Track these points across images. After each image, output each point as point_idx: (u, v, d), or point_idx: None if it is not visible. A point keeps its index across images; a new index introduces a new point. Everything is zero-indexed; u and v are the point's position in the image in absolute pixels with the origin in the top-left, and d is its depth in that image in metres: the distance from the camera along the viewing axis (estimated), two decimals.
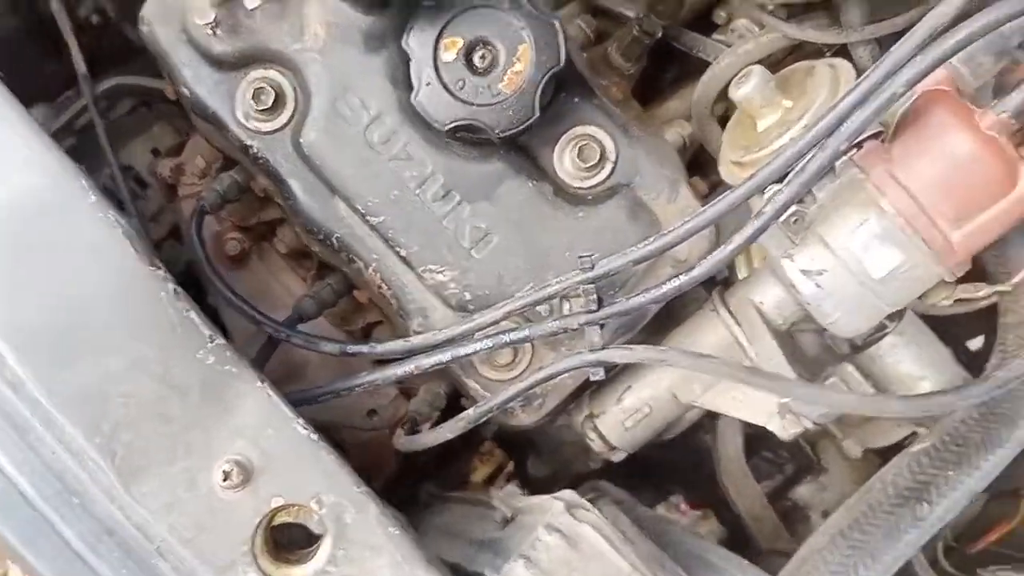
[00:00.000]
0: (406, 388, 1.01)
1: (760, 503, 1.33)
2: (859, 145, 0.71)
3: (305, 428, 0.67)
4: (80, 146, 1.16)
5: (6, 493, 0.65)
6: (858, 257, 0.72)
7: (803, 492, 1.40)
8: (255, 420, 0.66)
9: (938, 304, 0.79)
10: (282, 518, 0.66)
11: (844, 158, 0.70)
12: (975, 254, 0.73)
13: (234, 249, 0.99)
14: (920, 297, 0.77)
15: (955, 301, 0.78)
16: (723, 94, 0.87)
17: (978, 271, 0.87)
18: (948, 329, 1.14)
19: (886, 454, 1.27)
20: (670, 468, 1.44)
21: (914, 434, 1.24)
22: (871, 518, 0.80)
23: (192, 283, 0.96)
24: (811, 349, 1.16)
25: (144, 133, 1.19)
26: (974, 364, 1.10)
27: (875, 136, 0.71)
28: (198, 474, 0.65)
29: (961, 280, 0.78)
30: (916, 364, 1.13)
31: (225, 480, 0.65)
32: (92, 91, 0.97)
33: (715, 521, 1.44)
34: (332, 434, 1.04)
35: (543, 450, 1.30)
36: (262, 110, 0.82)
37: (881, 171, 0.70)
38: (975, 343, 1.26)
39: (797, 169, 0.67)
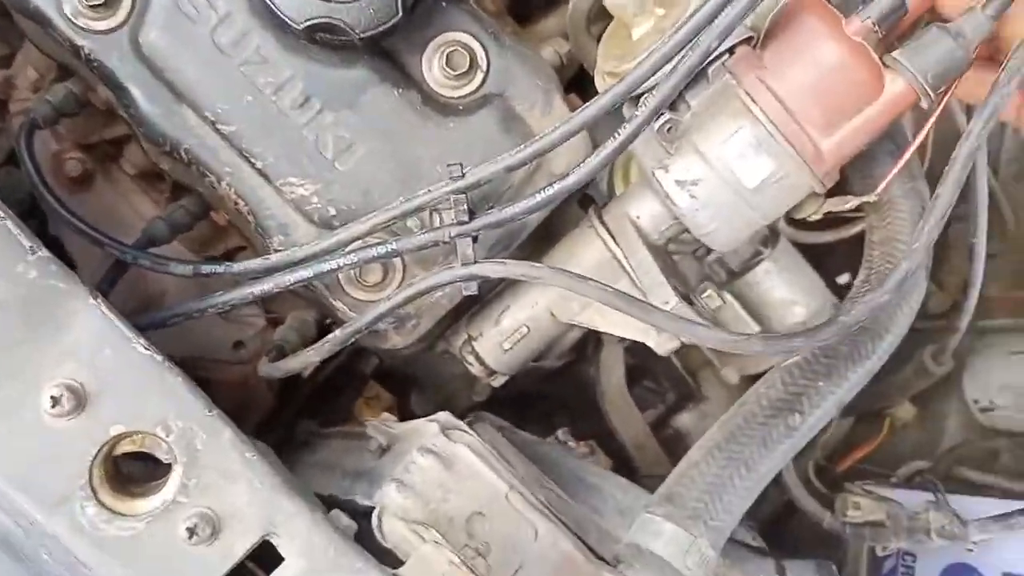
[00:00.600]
0: (274, 318, 0.97)
1: (643, 432, 1.36)
2: (732, 52, 0.70)
3: (148, 348, 0.62)
4: None
5: None
6: (732, 167, 0.72)
7: (685, 420, 1.44)
8: (88, 340, 0.61)
9: (809, 217, 0.81)
10: (125, 447, 0.61)
11: (716, 64, 0.69)
12: (843, 163, 0.74)
13: (75, 170, 0.91)
14: (792, 210, 0.78)
15: (825, 214, 0.80)
16: (600, 13, 0.85)
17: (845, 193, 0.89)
18: (819, 263, 1.19)
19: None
20: (555, 401, 1.45)
21: None
22: (745, 430, 0.82)
23: (36, 213, 0.89)
24: (690, 275, 1.18)
25: None
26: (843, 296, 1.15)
27: (747, 42, 0.70)
28: (23, 401, 0.59)
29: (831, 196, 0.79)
30: (789, 290, 1.17)
31: (54, 407, 0.59)
32: None
33: (602, 455, 1.46)
34: (197, 371, 0.99)
35: (425, 385, 1.28)
36: (94, 5, 0.74)
37: (753, 78, 0.70)
38: (843, 279, 1.31)
39: (668, 69, 0.66)
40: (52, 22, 0.75)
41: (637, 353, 1.37)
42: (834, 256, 1.23)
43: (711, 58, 0.67)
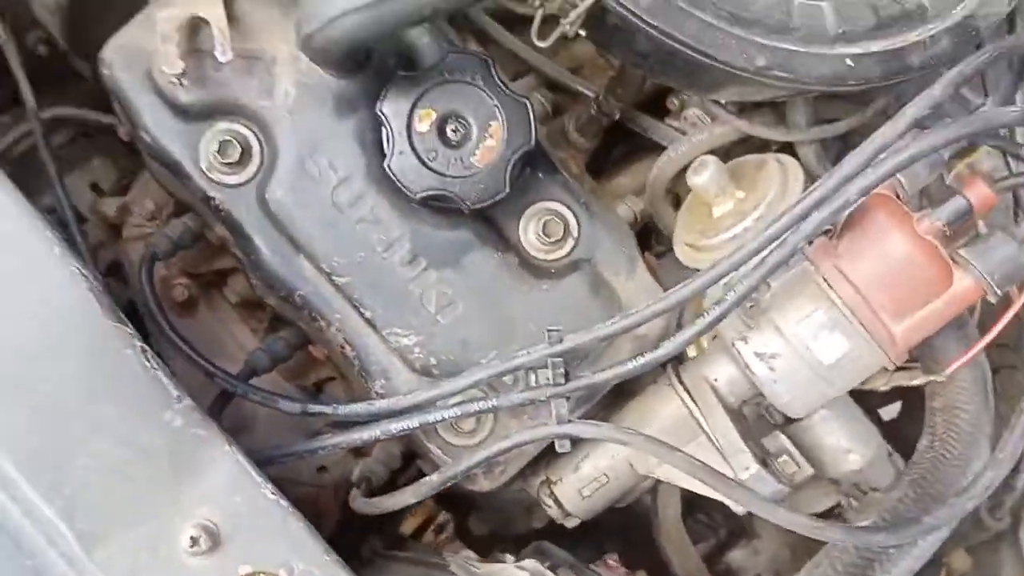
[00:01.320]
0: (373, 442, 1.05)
1: (697, 566, 1.41)
2: (810, 241, 0.80)
3: (274, 494, 0.71)
4: (15, 173, 1.17)
5: None
6: (808, 344, 0.81)
7: (737, 556, 1.49)
8: (223, 485, 0.70)
9: (877, 388, 0.89)
10: None
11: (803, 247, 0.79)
12: (915, 345, 0.83)
13: (181, 295, 1.02)
14: (862, 383, 0.87)
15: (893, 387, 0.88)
16: (675, 175, 0.96)
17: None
18: (864, 397, 1.26)
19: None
20: (607, 528, 1.51)
21: (839, 505, 1.35)
22: None
23: (134, 324, 0.99)
24: (749, 417, 1.26)
25: (83, 166, 1.21)
26: (889, 433, 1.23)
27: (824, 233, 0.80)
28: (163, 539, 0.68)
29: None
30: (844, 437, 1.23)
31: (192, 546, 0.68)
32: (40, 125, 0.99)
33: None
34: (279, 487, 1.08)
35: (485, 508, 1.35)
36: (227, 163, 0.86)
37: (829, 265, 0.80)
38: (889, 412, 1.39)
39: (757, 262, 0.75)
40: (188, 174, 0.87)
41: None
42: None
43: (804, 245, 0.77)
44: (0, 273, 0.68)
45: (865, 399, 1.25)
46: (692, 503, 1.46)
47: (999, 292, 0.78)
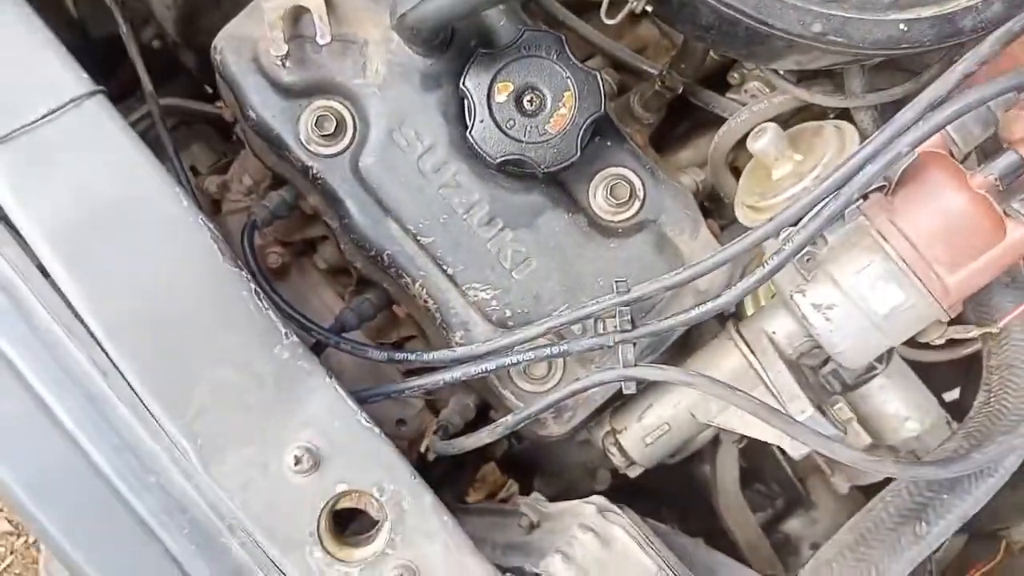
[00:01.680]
0: (432, 401, 1.12)
1: (756, 533, 1.45)
2: (865, 197, 0.84)
3: (368, 422, 0.78)
4: None
5: (80, 466, 0.75)
6: (864, 295, 0.85)
7: (794, 525, 1.52)
8: (323, 412, 0.77)
9: (932, 341, 0.92)
10: (345, 503, 0.77)
11: (852, 207, 0.83)
12: (968, 296, 0.86)
13: (276, 262, 1.10)
14: (917, 335, 0.90)
15: (947, 340, 0.91)
16: (736, 143, 1.01)
17: (961, 321, 1.01)
18: (927, 380, 1.28)
19: (871, 490, 1.40)
20: (665, 496, 1.56)
21: None
22: (876, 534, 0.92)
23: None
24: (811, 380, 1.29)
25: (184, 151, 1.31)
26: (952, 413, 1.25)
27: (879, 189, 0.84)
28: (271, 458, 0.76)
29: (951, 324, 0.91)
30: (902, 405, 1.27)
31: (296, 465, 0.75)
32: (159, 110, 1.08)
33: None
34: None
35: (548, 471, 1.41)
36: (324, 135, 0.93)
37: (884, 220, 0.84)
38: (951, 395, 1.41)
39: (812, 214, 0.80)
40: (289, 147, 0.95)
41: (750, 456, 1.46)
42: (940, 373, 1.32)
43: (859, 198, 0.81)
44: (140, 222, 0.77)
45: (927, 381, 1.28)
46: (749, 474, 1.50)
47: None
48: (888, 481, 1.40)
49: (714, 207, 1.13)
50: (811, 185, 0.90)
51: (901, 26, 0.80)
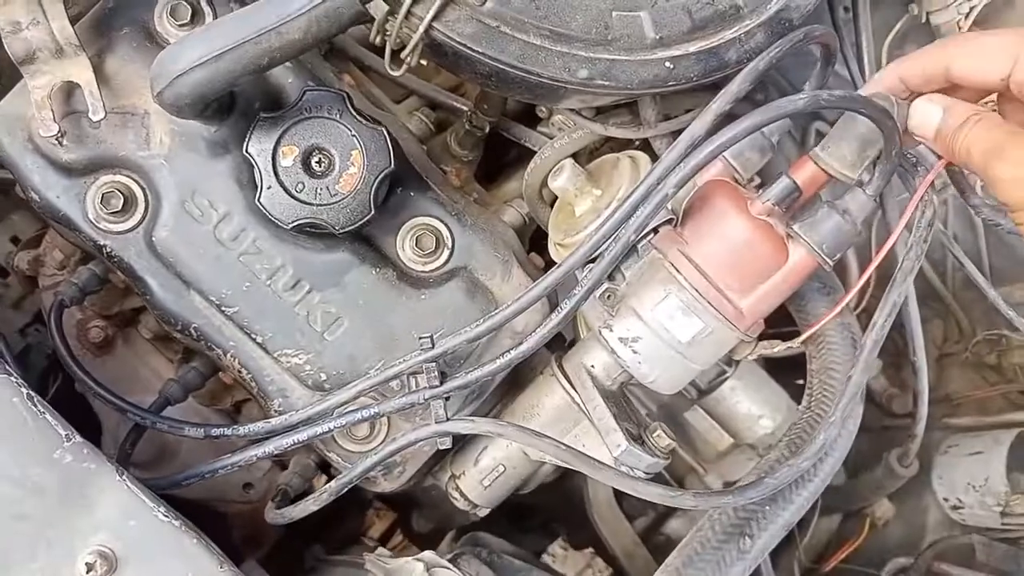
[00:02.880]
0: (279, 460, 1.10)
1: (632, 541, 1.46)
2: (656, 230, 0.84)
3: (167, 516, 0.75)
4: None
5: None
6: (665, 326, 0.85)
7: (675, 525, 1.54)
8: (116, 513, 0.74)
9: (744, 359, 0.94)
10: None
11: (643, 242, 0.83)
12: (764, 316, 0.88)
13: (98, 336, 1.06)
14: (728, 353, 0.91)
15: (758, 356, 0.93)
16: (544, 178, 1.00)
17: (788, 319, 1.02)
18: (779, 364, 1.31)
19: None
20: (552, 511, 1.56)
21: None
22: (701, 554, 0.93)
23: (62, 368, 1.03)
24: (664, 396, 1.31)
25: (3, 221, 1.24)
26: None
27: (668, 222, 0.84)
28: (61, 568, 0.72)
29: (771, 329, 0.92)
30: (755, 404, 1.29)
31: (88, 572, 0.72)
32: None
33: (600, 561, 1.57)
34: (213, 507, 1.11)
35: (424, 506, 1.40)
36: (112, 212, 0.89)
37: (675, 252, 0.84)
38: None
39: (599, 253, 0.80)
40: (78, 226, 0.90)
41: None
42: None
43: (638, 238, 0.81)
44: None
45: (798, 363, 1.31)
46: None
47: (830, 261, 0.82)
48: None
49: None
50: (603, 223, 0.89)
51: (667, 64, 0.81)
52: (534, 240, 1.09)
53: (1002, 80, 0.71)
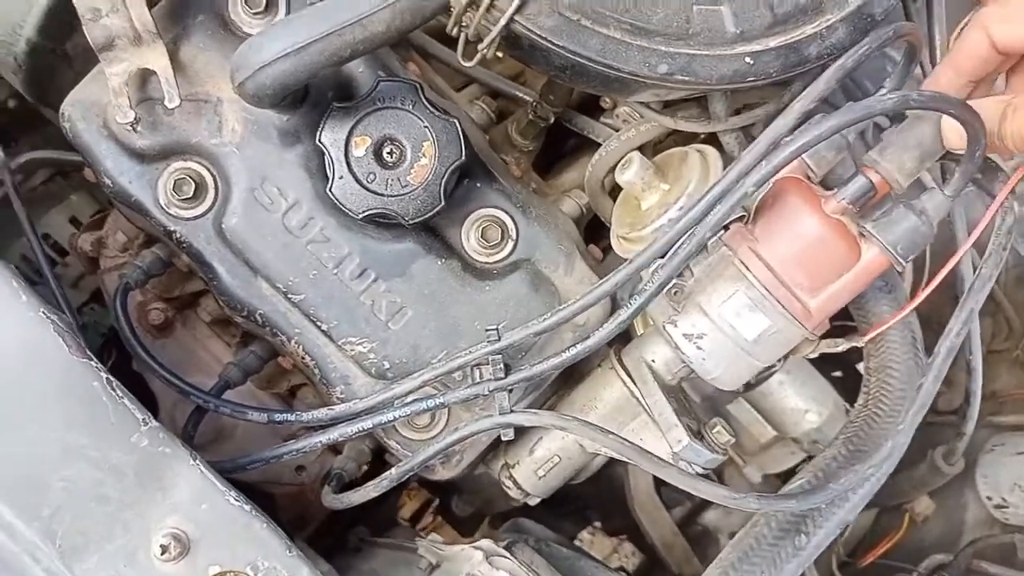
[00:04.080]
0: (331, 444, 1.09)
1: (671, 531, 1.46)
2: (727, 227, 0.82)
3: (237, 500, 0.75)
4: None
5: None
6: (731, 323, 0.84)
7: (711, 517, 1.54)
8: (189, 496, 0.74)
9: (806, 356, 0.92)
10: None
11: (713, 239, 0.82)
12: (831, 315, 0.86)
13: (158, 319, 1.06)
14: (789, 352, 0.89)
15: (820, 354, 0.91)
16: (609, 171, 0.99)
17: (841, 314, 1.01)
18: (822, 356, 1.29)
19: (784, 478, 1.42)
20: (589, 498, 1.56)
21: (806, 460, 1.39)
22: (757, 551, 0.92)
23: (116, 346, 1.03)
24: (710, 388, 1.30)
25: (62, 202, 1.25)
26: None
27: (739, 219, 0.82)
28: (137, 549, 0.72)
29: (828, 331, 0.91)
30: (802, 399, 1.28)
31: (163, 553, 0.72)
32: (10, 172, 1.02)
33: (629, 546, 1.57)
34: (263, 488, 1.12)
35: (465, 491, 1.39)
36: (184, 199, 0.89)
37: (746, 249, 0.82)
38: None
39: (672, 252, 0.78)
40: (149, 212, 0.90)
41: None
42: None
43: (711, 235, 0.80)
44: None
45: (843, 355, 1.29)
46: None
47: (904, 262, 0.81)
48: (798, 467, 1.42)
49: (602, 227, 1.11)
50: (676, 216, 0.88)
51: (747, 59, 0.79)
52: (589, 230, 1.08)
53: None
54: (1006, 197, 0.75)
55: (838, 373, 1.44)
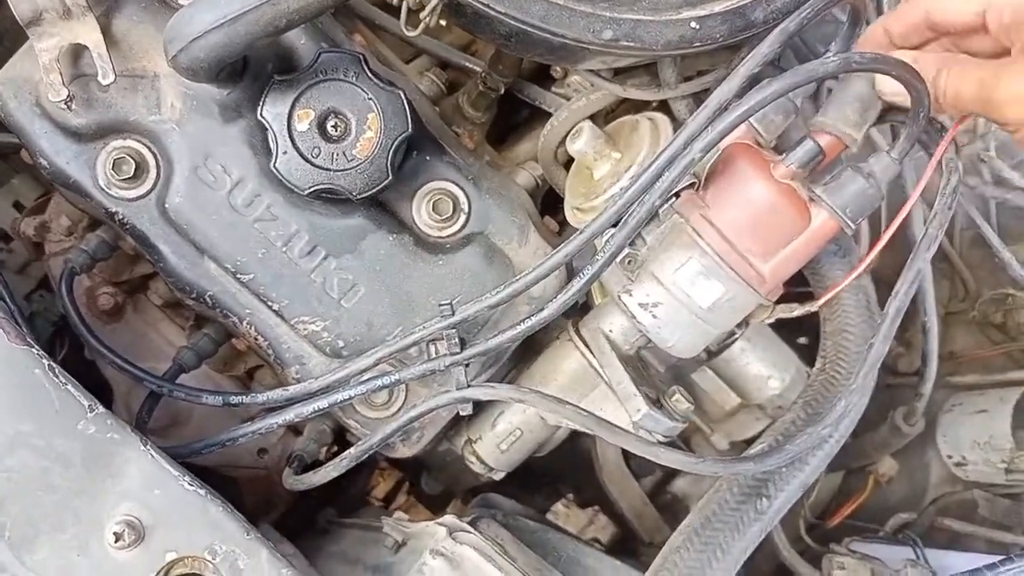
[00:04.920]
0: (293, 426, 1.09)
1: (640, 500, 1.48)
2: (677, 195, 0.83)
3: (191, 484, 0.75)
4: None
5: None
6: (685, 290, 0.85)
7: (681, 484, 1.56)
8: (141, 482, 0.74)
9: (762, 321, 0.93)
10: (178, 570, 0.74)
11: (666, 206, 0.83)
12: (784, 280, 0.87)
13: (107, 303, 1.05)
14: (745, 318, 0.91)
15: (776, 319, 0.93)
16: (561, 141, 0.99)
17: (801, 281, 1.02)
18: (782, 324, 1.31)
19: (750, 444, 1.45)
20: (559, 471, 1.58)
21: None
22: (720, 515, 0.94)
23: (68, 334, 1.02)
24: (673, 357, 1.31)
25: (3, 185, 1.22)
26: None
27: (690, 186, 0.83)
28: (90, 538, 0.72)
29: (785, 296, 0.92)
30: (763, 365, 1.30)
31: (117, 541, 0.72)
32: None
33: (604, 518, 1.59)
34: (224, 472, 1.12)
35: (433, 468, 1.40)
36: (124, 179, 0.88)
37: (697, 216, 0.83)
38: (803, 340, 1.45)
39: (623, 220, 0.79)
40: (89, 192, 0.89)
41: None
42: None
43: (663, 203, 0.81)
44: None
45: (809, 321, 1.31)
46: None
47: (852, 225, 0.82)
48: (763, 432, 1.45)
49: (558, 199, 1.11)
50: (628, 184, 0.89)
51: (693, 24, 0.79)
52: (545, 202, 1.08)
53: (976, 15, 0.72)
54: (945, 152, 0.76)
55: (803, 340, 1.46)
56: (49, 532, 0.71)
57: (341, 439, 1.04)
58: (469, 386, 0.84)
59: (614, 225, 0.82)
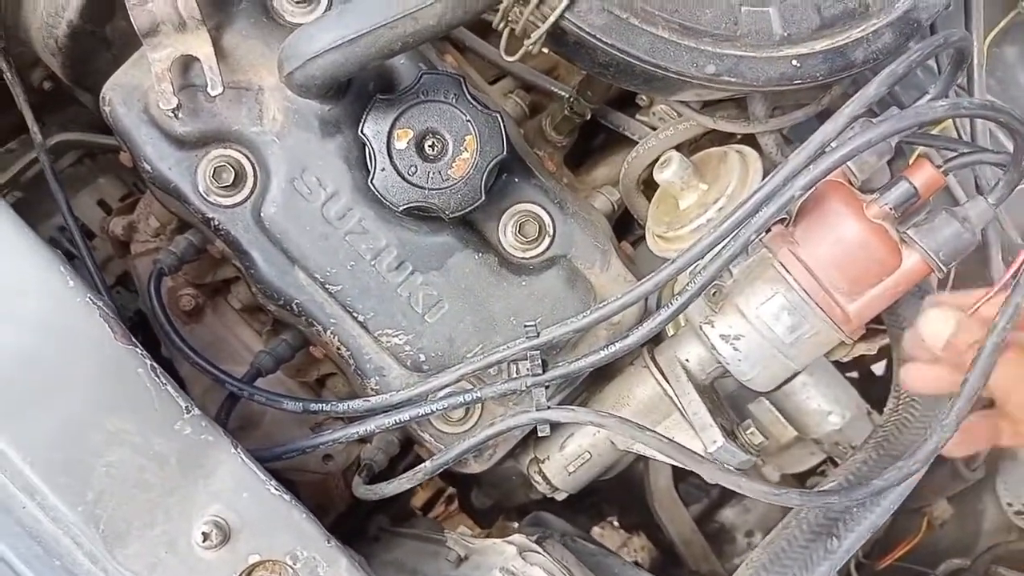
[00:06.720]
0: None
1: (689, 528, 1.47)
2: (768, 229, 0.83)
3: (277, 490, 0.76)
4: (26, 198, 1.22)
5: None
6: (769, 325, 0.84)
7: (728, 514, 1.55)
8: (231, 484, 0.75)
9: (840, 359, 0.93)
10: (259, 573, 0.74)
11: (755, 239, 0.82)
12: (868, 320, 0.87)
13: (188, 304, 1.06)
14: (824, 355, 0.90)
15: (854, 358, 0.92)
16: (646, 168, 0.99)
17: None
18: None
19: (802, 478, 1.43)
20: (606, 493, 1.57)
21: (826, 461, 1.40)
22: (789, 553, 0.93)
23: (144, 329, 1.04)
24: (732, 387, 1.30)
25: (90, 184, 1.25)
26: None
27: (780, 222, 0.83)
28: (179, 536, 0.73)
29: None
30: (824, 400, 1.28)
31: (204, 540, 0.73)
32: (48, 155, 1.03)
33: (644, 539, 1.58)
34: (286, 476, 1.13)
35: (485, 483, 1.40)
36: (223, 186, 0.90)
37: (786, 251, 0.83)
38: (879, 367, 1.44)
39: (714, 254, 0.79)
40: (187, 198, 0.91)
41: None
42: None
43: (757, 238, 0.80)
44: (25, 309, 0.73)
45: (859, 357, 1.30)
46: (683, 468, 1.51)
47: (944, 268, 0.81)
48: (816, 467, 1.43)
49: (631, 222, 1.12)
50: (715, 216, 0.89)
51: (794, 62, 0.79)
52: (616, 227, 1.08)
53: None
54: None
55: (854, 374, 1.45)
56: (140, 528, 0.73)
57: (405, 449, 1.05)
58: (549, 408, 0.85)
59: (701, 257, 0.82)
